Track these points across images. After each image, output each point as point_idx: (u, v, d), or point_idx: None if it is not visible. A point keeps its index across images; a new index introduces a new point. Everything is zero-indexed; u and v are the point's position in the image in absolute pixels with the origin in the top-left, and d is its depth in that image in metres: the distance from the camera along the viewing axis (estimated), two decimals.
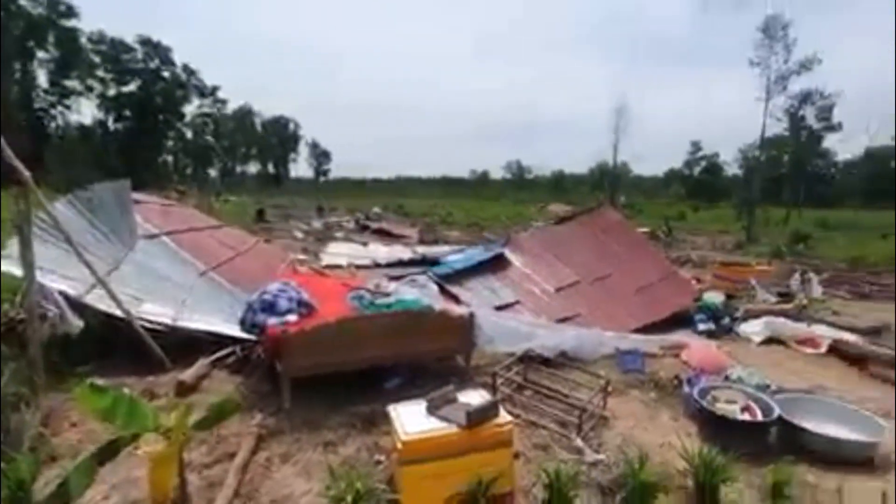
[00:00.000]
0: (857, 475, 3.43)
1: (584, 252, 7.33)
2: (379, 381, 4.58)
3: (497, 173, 75.87)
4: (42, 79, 47.87)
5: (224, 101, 60.56)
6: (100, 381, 4.63)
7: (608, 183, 47.09)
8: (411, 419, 3.12)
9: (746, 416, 3.94)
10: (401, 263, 10.95)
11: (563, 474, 3.09)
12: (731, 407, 4.03)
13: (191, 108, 57.44)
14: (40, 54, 46.36)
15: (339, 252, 12.57)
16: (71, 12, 45.72)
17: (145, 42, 51.88)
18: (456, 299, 5.82)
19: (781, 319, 6.43)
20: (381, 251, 13.19)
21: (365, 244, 14.23)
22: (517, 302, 6.13)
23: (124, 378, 4.70)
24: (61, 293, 4.60)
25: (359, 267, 10.73)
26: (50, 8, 44.93)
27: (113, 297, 4.52)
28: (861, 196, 43.66)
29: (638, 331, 6.02)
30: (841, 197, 45.88)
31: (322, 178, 71.57)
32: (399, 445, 2.96)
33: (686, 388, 4.41)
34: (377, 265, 10.93)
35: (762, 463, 3.53)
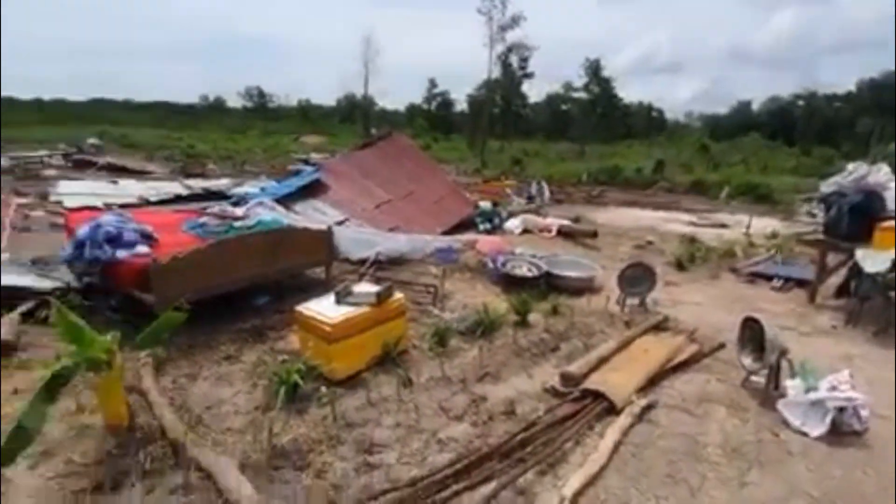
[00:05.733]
0: (588, 296, 5.71)
1: (388, 173, 8.30)
2: (245, 300, 4.76)
3: (234, 100, 67.45)
4: None
5: None
6: None
7: (361, 115, 48.19)
8: (327, 310, 3.72)
9: (529, 274, 5.86)
10: (180, 199, 9.80)
11: (442, 328, 4.28)
12: (520, 270, 5.91)
13: None
14: None
15: (78, 191, 10.17)
16: None
17: None
18: None
19: (531, 216, 9.03)
20: (137, 188, 11.25)
21: (114, 182, 11.76)
22: (346, 219, 6.77)
23: None
24: None
25: (124, 206, 9.14)
26: None
27: None
28: (543, 130, 57.52)
29: (442, 234, 7.54)
30: (532, 131, 59.09)
31: None
32: (328, 329, 3.55)
33: (490, 265, 6.11)
34: (149, 203, 9.51)
35: (542, 298, 5.45)
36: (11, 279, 4.71)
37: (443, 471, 2.53)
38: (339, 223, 6.47)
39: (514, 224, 8.74)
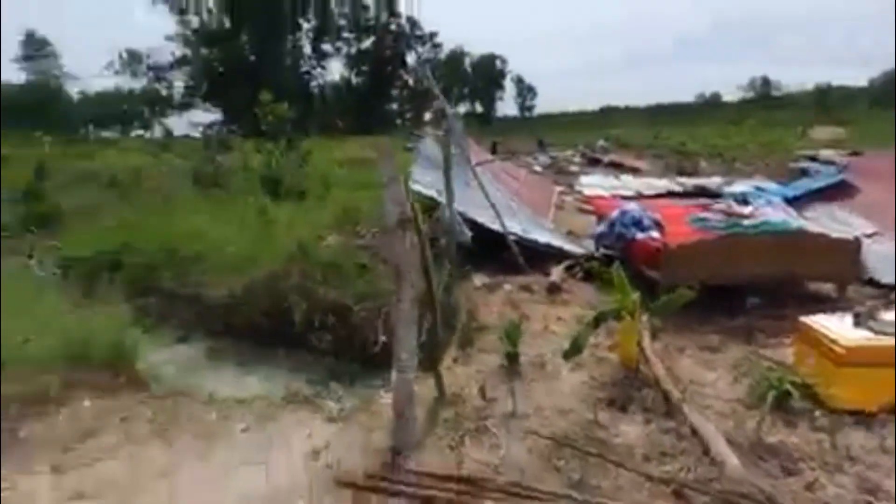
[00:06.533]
0: None
1: None
2: (736, 297, 4.79)
3: (731, 94, 63.90)
4: (307, 47, 58.31)
5: (439, 46, 64.52)
6: (484, 278, 5.97)
7: None
8: (842, 329, 3.27)
9: None
10: (673, 195, 10.62)
11: None
12: None
13: (412, 57, 62.60)
14: (305, 25, 56.18)
15: (592, 184, 12.79)
16: None
17: None
18: None
19: None
20: (635, 183, 12.92)
21: (616, 177, 14.11)
22: (876, 232, 5.46)
23: (499, 276, 5.97)
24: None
25: (624, 198, 10.82)
26: None
27: (498, 216, 5.66)
28: None
29: None
30: None
31: (527, 114, 71.36)
32: (839, 350, 3.16)
33: None
34: (643, 196, 10.83)
35: None
36: (558, 242, 6.69)
37: None
38: (868, 236, 5.27)
39: None
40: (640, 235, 4.79)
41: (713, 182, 11.45)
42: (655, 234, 4.81)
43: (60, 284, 5.51)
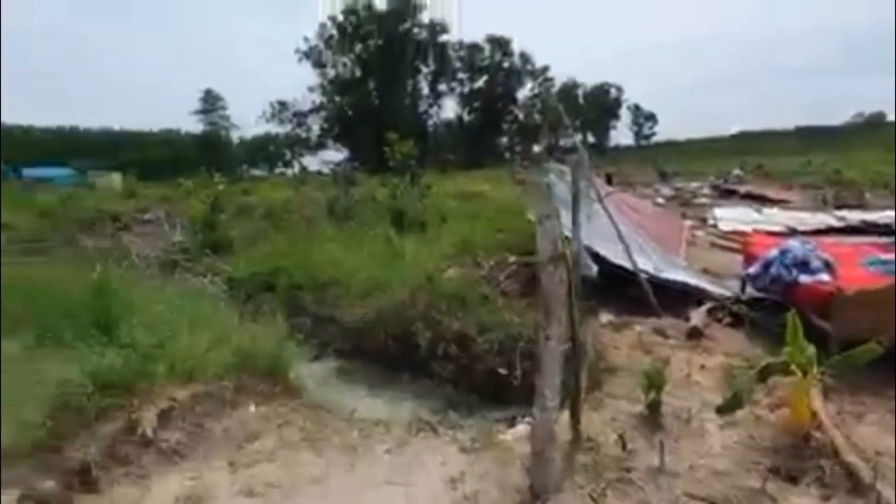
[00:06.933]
0: None
1: None
2: None
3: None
4: (425, 89, 62.52)
5: (551, 79, 64.96)
6: (610, 316, 5.68)
7: None
8: None
9: None
10: (833, 231, 9.26)
11: None
12: None
13: (524, 92, 63.82)
14: (424, 69, 60.51)
15: (729, 217, 11.65)
16: (444, 29, 57.33)
17: (492, 40, 60.33)
18: None
19: None
20: (781, 217, 11.49)
21: (758, 210, 12.71)
22: None
23: (628, 317, 5.64)
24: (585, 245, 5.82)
25: (771, 234, 9.66)
26: (430, 29, 57.55)
27: (628, 253, 5.42)
28: None
29: None
30: None
31: (644, 143, 68.04)
32: None
33: None
34: (796, 232, 9.57)
35: None
36: (694, 282, 6.16)
37: None
38: None
39: None
40: (804, 278, 4.21)
41: (886, 217, 9.73)
42: (826, 276, 4.19)
43: (229, 302, 6.39)
